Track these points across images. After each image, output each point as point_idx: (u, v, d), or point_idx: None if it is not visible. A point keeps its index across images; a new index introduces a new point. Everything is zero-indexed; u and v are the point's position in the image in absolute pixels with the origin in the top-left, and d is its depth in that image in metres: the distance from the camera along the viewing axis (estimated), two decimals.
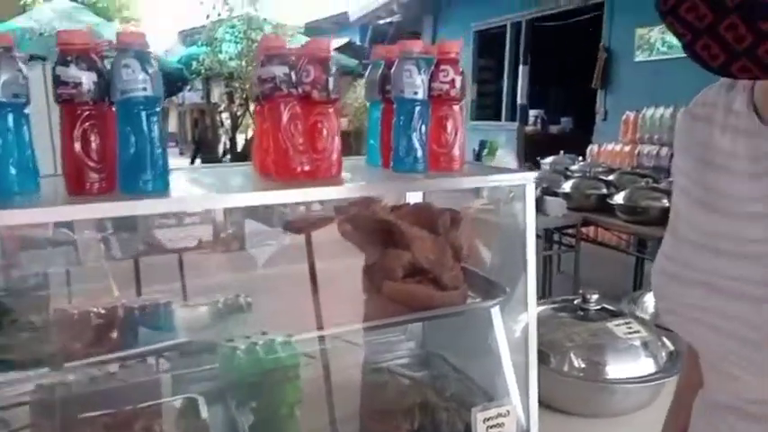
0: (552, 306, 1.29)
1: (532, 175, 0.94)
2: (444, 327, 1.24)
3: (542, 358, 1.15)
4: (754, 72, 0.46)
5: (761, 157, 0.55)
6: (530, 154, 7.87)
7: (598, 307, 1.25)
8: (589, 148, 6.08)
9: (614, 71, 6.21)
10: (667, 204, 2.88)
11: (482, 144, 4.17)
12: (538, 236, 3.72)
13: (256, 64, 0.89)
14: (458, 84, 0.95)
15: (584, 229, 3.50)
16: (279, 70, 0.83)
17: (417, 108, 0.93)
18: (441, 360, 1.26)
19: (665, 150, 5.27)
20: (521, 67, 7.53)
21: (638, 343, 1.18)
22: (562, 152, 4.54)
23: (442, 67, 0.94)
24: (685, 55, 0.51)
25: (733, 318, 0.55)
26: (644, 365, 1.16)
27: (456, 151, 0.97)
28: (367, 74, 1.06)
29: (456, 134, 0.97)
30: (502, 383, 1.06)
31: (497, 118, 8.51)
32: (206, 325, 1.07)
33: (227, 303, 1.11)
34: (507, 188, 0.97)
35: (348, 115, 9.00)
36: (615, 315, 1.23)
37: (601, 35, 6.47)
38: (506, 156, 3.68)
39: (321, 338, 1.03)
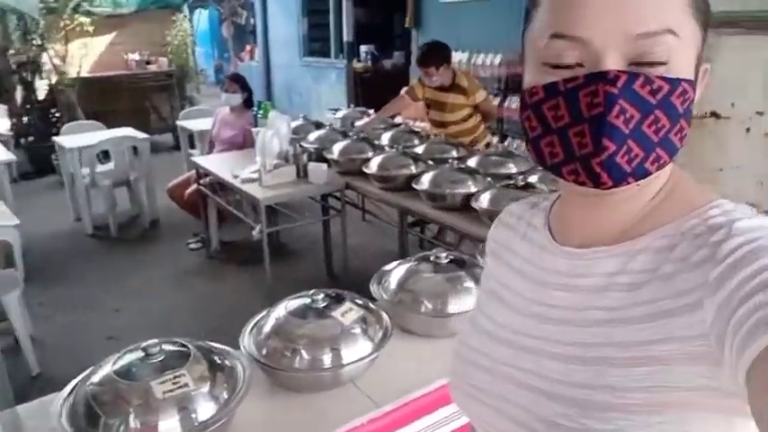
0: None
1: None
2: None
3: None
4: (582, 177, 0.53)
5: (550, 270, 0.65)
6: (361, 93, 7.82)
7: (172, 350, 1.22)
8: (402, 90, 6.09)
9: (424, 11, 6.16)
10: (415, 170, 2.94)
11: (258, 104, 3.96)
12: (315, 200, 3.72)
13: None
14: None
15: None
16: None
17: None
18: None
19: None
20: (344, 2, 7.27)
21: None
22: (353, 106, 4.47)
23: None
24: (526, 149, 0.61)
25: (514, 404, 0.63)
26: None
27: None
28: None
29: None
30: None
31: (328, 55, 8.27)
32: None
33: None
34: None
35: (170, 54, 8.31)
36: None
37: None
38: (278, 118, 3.51)
39: None
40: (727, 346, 0.45)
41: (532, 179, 2.54)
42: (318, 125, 4.11)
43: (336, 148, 3.39)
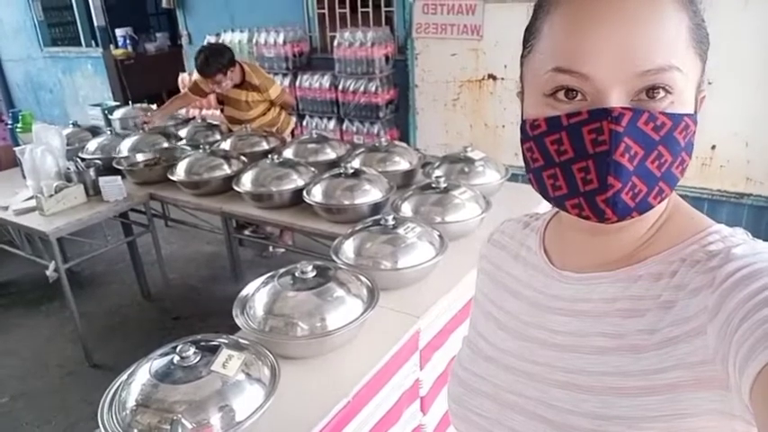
0: None
1: None
2: None
3: None
4: (586, 212, 0.53)
5: (549, 294, 0.64)
6: (128, 83, 7.00)
7: None
8: (180, 77, 5.61)
9: None
10: (229, 171, 2.72)
11: (14, 116, 3.26)
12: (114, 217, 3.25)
13: None
14: None
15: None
16: None
17: None
18: None
19: None
20: None
21: None
22: (131, 104, 3.97)
23: None
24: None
25: None
26: None
27: None
28: None
29: None
30: None
31: (78, 43, 7.21)
32: None
33: None
34: None
35: None
36: None
37: None
38: (46, 130, 2.94)
39: None
40: (731, 366, 0.46)
41: (355, 163, 2.53)
42: (95, 131, 3.57)
43: (128, 156, 2.98)
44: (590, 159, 0.52)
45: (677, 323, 0.52)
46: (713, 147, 3.18)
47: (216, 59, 3.28)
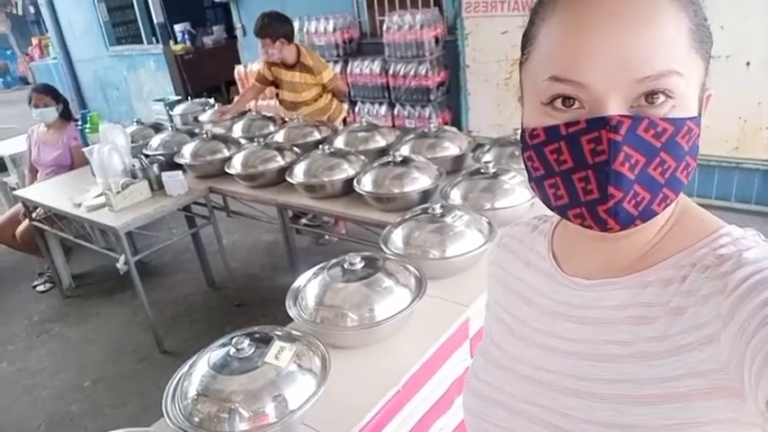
0: None
1: None
2: None
3: None
4: (588, 221, 0.52)
5: (560, 301, 0.64)
6: (188, 77, 7.25)
7: None
8: (236, 69, 5.76)
9: None
10: (282, 163, 2.79)
11: (83, 117, 3.45)
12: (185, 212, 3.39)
13: None
14: None
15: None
16: None
17: None
18: None
19: None
20: None
21: None
22: (189, 99, 4.11)
23: None
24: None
25: None
26: None
27: None
28: None
29: None
30: None
31: (140, 40, 7.50)
32: None
33: None
34: None
35: None
36: None
37: None
38: (112, 129, 3.10)
39: None
40: (746, 375, 0.46)
41: (404, 151, 2.54)
42: (157, 127, 3.73)
43: (188, 151, 3.10)
44: (590, 169, 0.51)
45: (689, 330, 0.51)
46: None
47: (272, 24, 3.39)
